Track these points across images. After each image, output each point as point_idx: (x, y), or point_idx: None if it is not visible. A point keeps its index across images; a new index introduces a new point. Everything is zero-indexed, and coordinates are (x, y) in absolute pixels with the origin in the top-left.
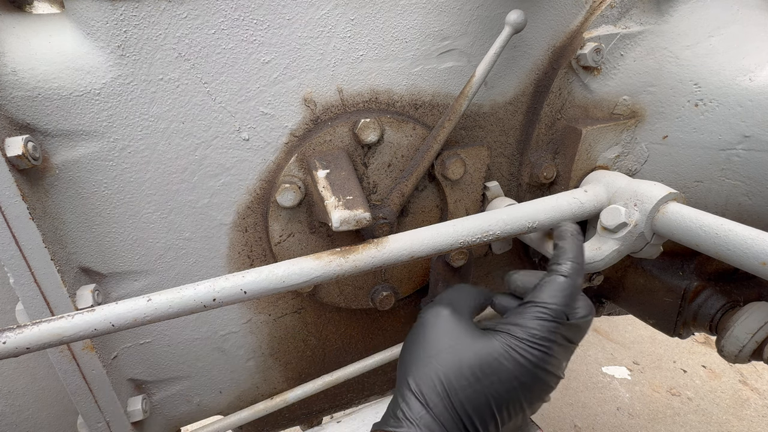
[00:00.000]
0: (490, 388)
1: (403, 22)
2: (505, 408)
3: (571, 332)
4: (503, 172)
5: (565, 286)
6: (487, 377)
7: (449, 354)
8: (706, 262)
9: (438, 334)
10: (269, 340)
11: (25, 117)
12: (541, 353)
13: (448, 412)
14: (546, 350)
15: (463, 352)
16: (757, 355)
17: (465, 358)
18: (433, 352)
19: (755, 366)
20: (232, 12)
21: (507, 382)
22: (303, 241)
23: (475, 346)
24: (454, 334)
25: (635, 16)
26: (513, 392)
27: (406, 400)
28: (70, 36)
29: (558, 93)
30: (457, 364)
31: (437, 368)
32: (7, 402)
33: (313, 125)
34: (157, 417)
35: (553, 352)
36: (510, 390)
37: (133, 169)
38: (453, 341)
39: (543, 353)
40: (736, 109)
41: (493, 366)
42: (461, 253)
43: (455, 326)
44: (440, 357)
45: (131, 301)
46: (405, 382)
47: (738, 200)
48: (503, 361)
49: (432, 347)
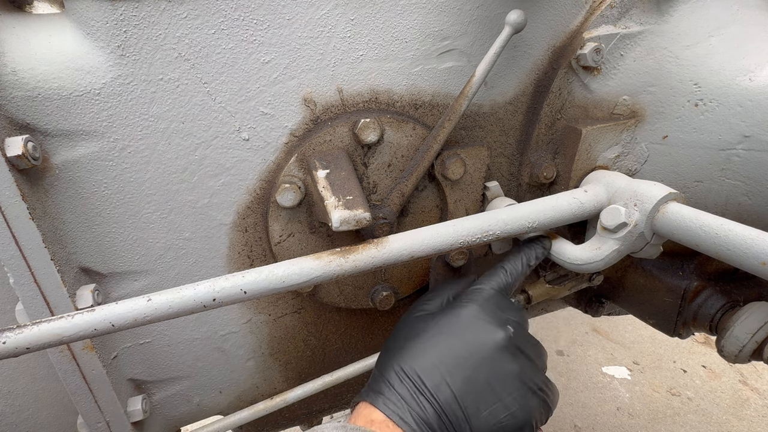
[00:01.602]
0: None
1: (403, 22)
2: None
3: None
4: (503, 172)
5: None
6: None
7: (448, 346)
8: (706, 262)
9: (439, 320)
10: (269, 340)
11: (25, 117)
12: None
13: (429, 402)
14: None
15: (460, 341)
16: (757, 355)
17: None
18: (431, 336)
19: (755, 366)
20: (232, 12)
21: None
22: (303, 241)
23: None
24: (452, 324)
25: (635, 16)
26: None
27: (394, 379)
28: (70, 36)
29: (558, 93)
30: (456, 356)
31: (438, 357)
32: (7, 402)
33: (313, 125)
34: (157, 417)
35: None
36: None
37: (133, 169)
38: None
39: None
40: (736, 109)
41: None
42: (461, 253)
43: (453, 314)
44: (439, 343)
45: (131, 301)
46: (395, 362)
47: (738, 200)
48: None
49: (431, 332)
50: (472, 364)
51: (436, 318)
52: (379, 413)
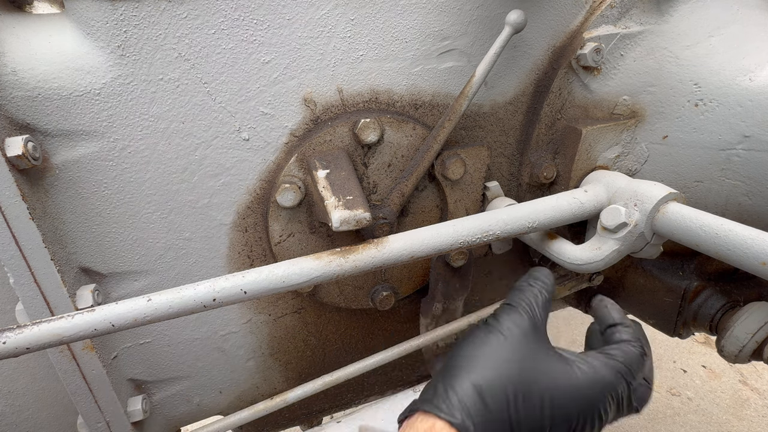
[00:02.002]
0: (551, 423)
1: (403, 22)
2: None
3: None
4: (503, 172)
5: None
6: (553, 413)
7: (524, 371)
8: (706, 262)
9: (514, 343)
10: (269, 340)
11: (25, 117)
12: (604, 395)
13: (504, 426)
14: (608, 395)
15: (537, 375)
16: (757, 355)
17: (538, 382)
18: (506, 360)
19: (755, 366)
20: (232, 12)
21: (567, 417)
22: (303, 241)
23: (551, 373)
24: (529, 350)
25: (635, 16)
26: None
27: (463, 394)
28: (70, 36)
29: (558, 93)
30: (528, 384)
31: (508, 380)
32: (7, 402)
33: (313, 125)
34: (157, 417)
35: (609, 401)
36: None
37: (133, 169)
38: (528, 358)
39: (605, 396)
40: (736, 109)
41: (561, 399)
42: (461, 253)
43: (533, 340)
44: (514, 369)
45: (131, 301)
46: (468, 375)
47: (738, 200)
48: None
49: (506, 355)
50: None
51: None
52: (444, 424)
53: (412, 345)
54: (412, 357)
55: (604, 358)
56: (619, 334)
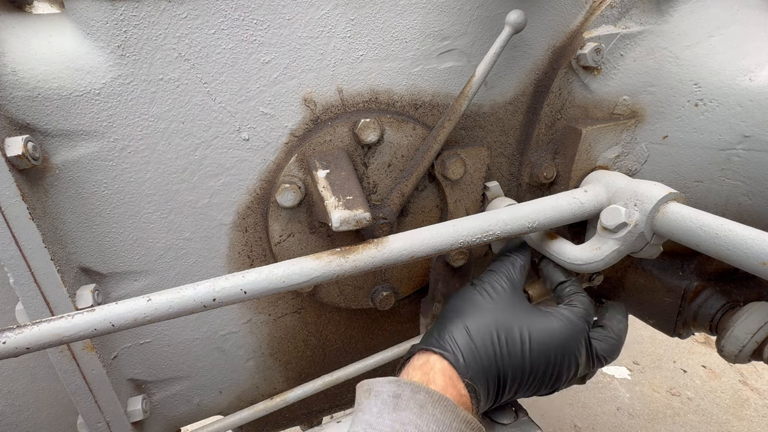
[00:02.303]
0: (531, 360)
1: (403, 22)
2: (536, 373)
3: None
4: (503, 172)
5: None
6: (532, 351)
7: (505, 318)
8: (706, 262)
9: (496, 297)
10: (269, 340)
11: (25, 117)
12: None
13: (490, 360)
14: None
15: (517, 321)
16: (757, 355)
17: (518, 327)
18: (490, 309)
19: (755, 366)
20: (232, 12)
21: (546, 356)
22: (303, 241)
23: (529, 320)
24: (510, 303)
25: (635, 16)
26: (548, 365)
27: (455, 334)
28: (70, 36)
29: (558, 93)
30: (509, 328)
31: (492, 323)
32: (7, 402)
33: (313, 125)
34: (157, 417)
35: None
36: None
37: (133, 169)
38: (509, 308)
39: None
40: (736, 109)
41: (539, 341)
42: (461, 253)
43: (511, 296)
44: (497, 316)
45: (131, 301)
46: (458, 320)
47: (738, 200)
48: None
49: (490, 305)
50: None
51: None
52: (437, 356)
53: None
54: None
55: (568, 308)
56: (569, 288)
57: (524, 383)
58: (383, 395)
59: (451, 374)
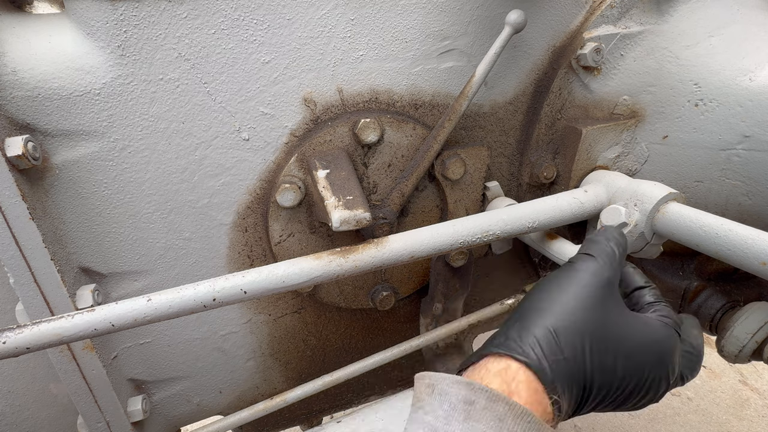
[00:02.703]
0: (623, 374)
1: (403, 22)
2: (624, 389)
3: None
4: (503, 172)
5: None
6: (626, 365)
7: (599, 321)
8: (706, 262)
9: (590, 293)
10: (269, 340)
11: (25, 117)
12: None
13: (579, 372)
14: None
15: (612, 328)
16: (757, 355)
17: (612, 335)
18: (582, 308)
19: (755, 366)
20: (232, 12)
21: (640, 371)
22: (303, 241)
23: (625, 327)
24: (605, 302)
25: (635, 16)
26: (639, 381)
27: (540, 339)
28: (70, 36)
29: (558, 93)
30: (603, 335)
31: (584, 328)
32: (7, 402)
33: (313, 125)
34: (157, 417)
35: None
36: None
37: (133, 169)
38: (603, 309)
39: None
40: (736, 109)
41: (635, 354)
42: (461, 253)
43: (605, 293)
44: (589, 319)
45: (131, 301)
46: (542, 322)
47: (738, 200)
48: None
49: (582, 303)
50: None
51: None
52: (520, 365)
53: (412, 345)
54: (412, 357)
55: (660, 317)
56: (648, 296)
57: (609, 397)
58: (451, 398)
59: (536, 387)
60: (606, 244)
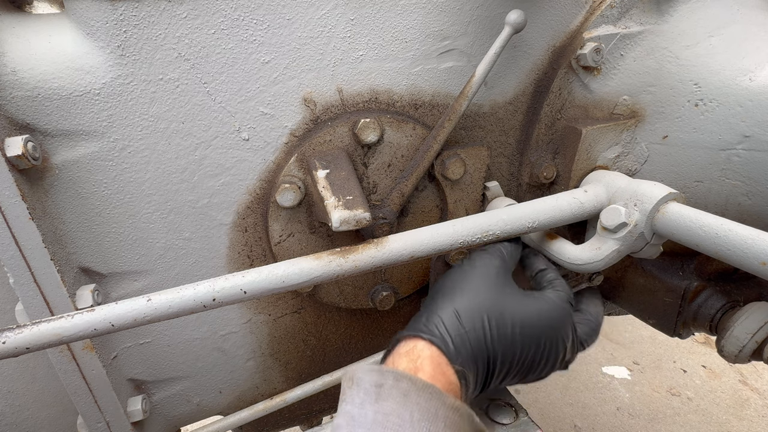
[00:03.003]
0: (521, 343)
1: (403, 22)
2: (526, 357)
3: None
4: (503, 172)
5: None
6: (523, 335)
7: (495, 300)
8: (706, 262)
9: (487, 279)
10: (269, 340)
11: (25, 117)
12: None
13: (480, 344)
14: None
15: (507, 304)
16: (757, 355)
17: (508, 310)
18: (481, 291)
19: (755, 366)
20: (232, 12)
21: (536, 339)
22: (303, 241)
23: (519, 303)
24: (500, 285)
25: (635, 16)
26: (538, 349)
27: (444, 318)
28: (70, 36)
29: (558, 93)
30: (500, 311)
31: (482, 306)
32: (7, 402)
33: (313, 125)
34: (157, 417)
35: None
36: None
37: (133, 169)
38: (499, 291)
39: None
40: (736, 109)
41: (530, 324)
42: (461, 253)
43: (501, 278)
44: (487, 299)
45: (131, 301)
46: (446, 304)
47: (738, 200)
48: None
49: (480, 288)
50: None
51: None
52: (425, 342)
53: None
54: None
55: (553, 291)
56: (548, 275)
57: (513, 368)
58: (365, 384)
59: (440, 361)
60: (498, 246)
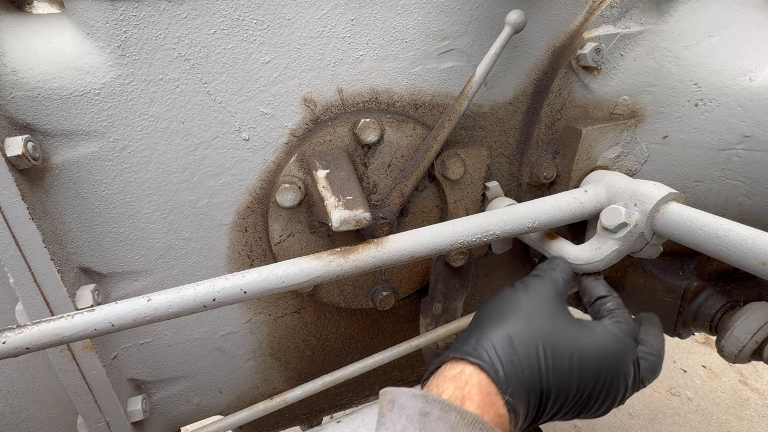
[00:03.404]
0: (578, 378)
1: (403, 22)
2: (582, 394)
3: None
4: (503, 172)
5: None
6: (580, 369)
7: (552, 329)
8: (706, 262)
9: (544, 305)
10: (269, 340)
11: (25, 117)
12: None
13: (534, 375)
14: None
15: (564, 334)
16: (757, 355)
17: (565, 340)
18: (536, 317)
19: (755, 366)
20: (232, 12)
21: (595, 375)
22: (303, 241)
23: (577, 334)
24: (557, 313)
25: (635, 16)
26: (596, 386)
27: (496, 342)
28: (70, 36)
29: (558, 93)
30: (556, 341)
31: (538, 334)
32: (7, 402)
33: (313, 125)
34: (157, 417)
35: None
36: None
37: (133, 169)
38: (555, 319)
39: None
40: (736, 109)
41: (588, 358)
42: (461, 253)
43: (557, 306)
44: (543, 326)
45: (131, 301)
46: (498, 328)
47: (738, 200)
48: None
49: (536, 313)
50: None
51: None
52: (474, 368)
53: (412, 345)
54: (412, 357)
55: (615, 324)
56: (609, 304)
57: (568, 403)
58: (408, 411)
59: (489, 390)
60: (551, 269)
